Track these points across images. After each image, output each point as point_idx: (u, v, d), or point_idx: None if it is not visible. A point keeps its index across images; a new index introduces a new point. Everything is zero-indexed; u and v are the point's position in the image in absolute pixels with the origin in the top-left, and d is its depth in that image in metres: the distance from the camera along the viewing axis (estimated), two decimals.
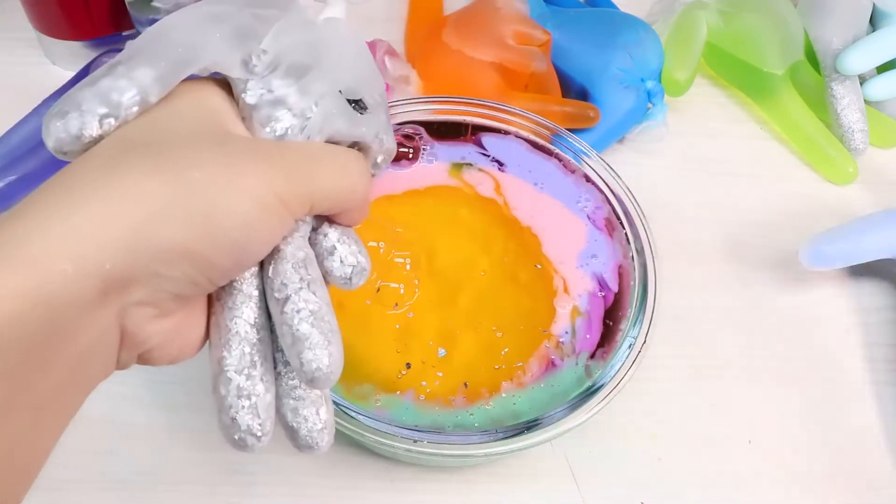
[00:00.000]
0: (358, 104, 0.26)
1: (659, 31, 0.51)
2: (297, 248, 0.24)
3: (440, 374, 0.34)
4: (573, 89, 0.50)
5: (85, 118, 0.21)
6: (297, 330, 0.23)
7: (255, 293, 0.24)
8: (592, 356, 0.35)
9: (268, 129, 0.24)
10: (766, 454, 0.39)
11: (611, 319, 0.36)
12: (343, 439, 0.36)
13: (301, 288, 0.23)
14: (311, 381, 0.22)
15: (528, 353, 0.35)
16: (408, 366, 0.34)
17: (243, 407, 0.23)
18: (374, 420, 0.31)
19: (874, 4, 0.53)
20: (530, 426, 0.32)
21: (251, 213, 0.21)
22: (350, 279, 0.26)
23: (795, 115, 0.51)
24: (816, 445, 0.39)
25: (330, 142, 0.26)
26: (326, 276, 0.25)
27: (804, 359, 0.42)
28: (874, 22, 0.53)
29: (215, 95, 0.24)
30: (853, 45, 0.50)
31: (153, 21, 0.49)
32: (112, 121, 0.22)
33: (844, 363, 0.43)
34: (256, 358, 0.23)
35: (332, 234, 0.26)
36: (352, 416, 0.31)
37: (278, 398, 0.24)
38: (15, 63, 0.52)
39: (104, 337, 0.21)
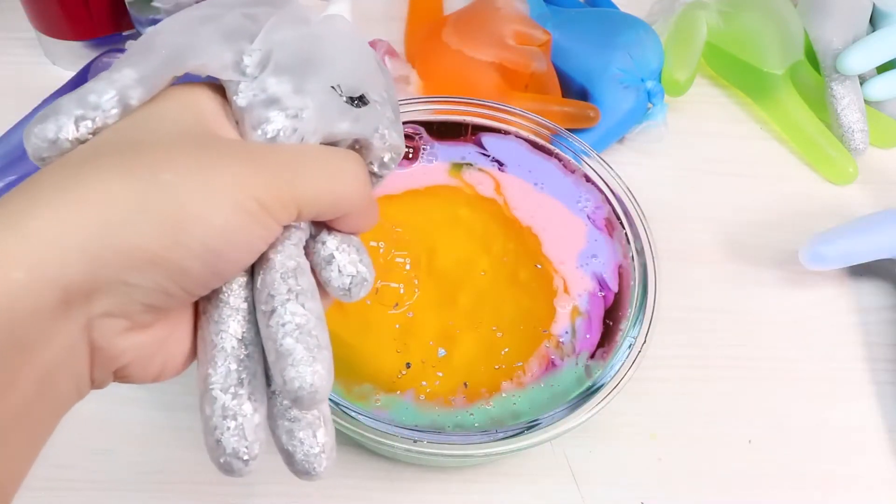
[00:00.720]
0: (360, 100, 0.25)
1: (659, 31, 0.51)
2: (287, 258, 0.23)
3: (440, 374, 0.34)
4: (573, 89, 0.50)
5: (60, 121, 0.21)
6: (281, 345, 0.21)
7: (244, 306, 0.23)
8: (592, 356, 0.35)
9: (259, 132, 0.23)
10: (766, 454, 0.39)
11: (611, 319, 0.36)
12: (343, 439, 0.36)
13: (288, 300, 0.22)
14: (296, 401, 0.21)
15: (528, 353, 0.35)
16: (408, 366, 0.34)
17: (228, 428, 0.21)
18: (374, 420, 0.31)
19: (874, 4, 0.53)
20: (530, 426, 0.32)
21: (227, 218, 0.20)
22: (349, 290, 0.24)
23: (795, 115, 0.51)
24: (816, 445, 0.39)
25: (327, 142, 0.24)
26: (325, 286, 0.24)
27: (804, 359, 0.42)
28: (874, 22, 0.53)
29: (207, 100, 0.23)
30: (853, 45, 0.50)
31: (153, 21, 0.49)
32: (89, 123, 0.21)
33: (844, 363, 0.43)
34: (244, 375, 0.22)
35: (330, 242, 0.24)
36: (352, 416, 0.31)
37: (273, 419, 0.23)
38: (15, 63, 0.52)
39: (72, 351, 0.19)
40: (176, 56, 0.22)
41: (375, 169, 0.26)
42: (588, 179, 0.40)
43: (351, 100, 0.24)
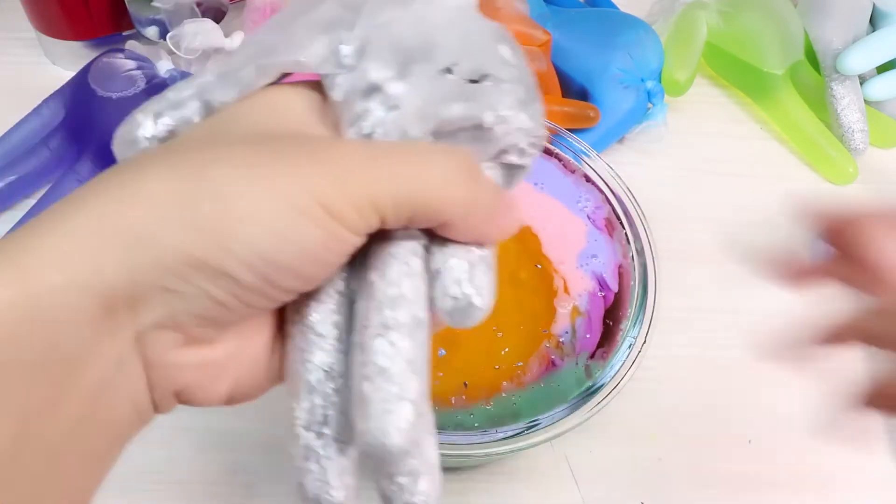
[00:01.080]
0: (478, 82, 0.21)
1: (659, 31, 0.51)
2: (389, 284, 0.19)
3: (440, 374, 0.34)
4: (573, 89, 0.50)
5: (139, 118, 0.20)
6: (358, 390, 0.18)
7: (334, 332, 0.20)
8: (592, 356, 0.35)
9: (355, 128, 0.20)
10: (766, 454, 0.39)
11: (611, 319, 0.36)
12: None
13: (378, 335, 0.18)
14: (367, 457, 0.18)
15: (528, 353, 0.35)
16: None
17: (310, 471, 0.19)
18: None
19: (874, 4, 0.53)
20: (530, 426, 0.32)
21: (280, 220, 0.17)
22: (451, 314, 0.19)
23: (795, 115, 0.51)
24: (816, 445, 0.39)
25: (440, 132, 0.21)
26: (432, 308, 0.20)
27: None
28: (874, 22, 0.53)
29: (301, 99, 0.21)
30: (853, 45, 0.50)
31: (153, 21, 0.49)
32: (167, 120, 0.20)
33: (845, 363, 0.43)
34: (331, 412, 0.19)
35: (437, 256, 0.20)
36: None
37: None
38: (15, 63, 0.52)
39: (122, 367, 0.18)
40: (262, 52, 0.21)
41: (515, 159, 0.22)
42: (588, 179, 0.40)
43: (468, 82, 0.21)
